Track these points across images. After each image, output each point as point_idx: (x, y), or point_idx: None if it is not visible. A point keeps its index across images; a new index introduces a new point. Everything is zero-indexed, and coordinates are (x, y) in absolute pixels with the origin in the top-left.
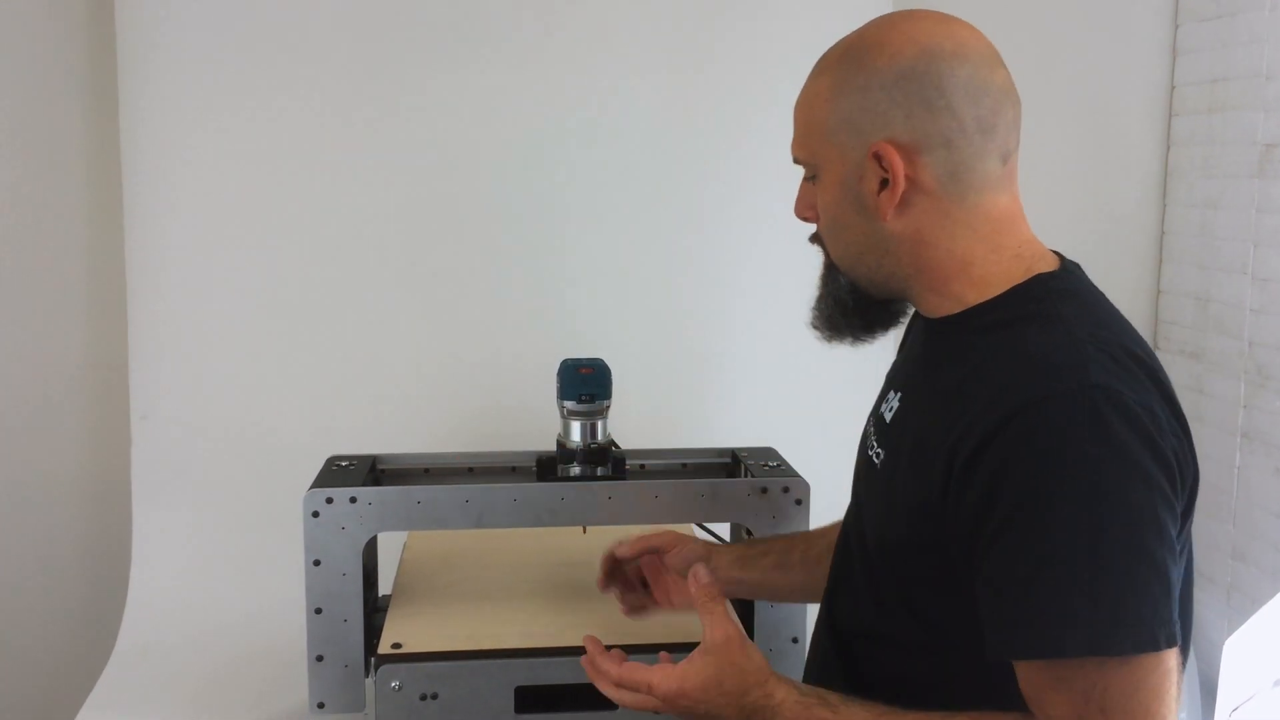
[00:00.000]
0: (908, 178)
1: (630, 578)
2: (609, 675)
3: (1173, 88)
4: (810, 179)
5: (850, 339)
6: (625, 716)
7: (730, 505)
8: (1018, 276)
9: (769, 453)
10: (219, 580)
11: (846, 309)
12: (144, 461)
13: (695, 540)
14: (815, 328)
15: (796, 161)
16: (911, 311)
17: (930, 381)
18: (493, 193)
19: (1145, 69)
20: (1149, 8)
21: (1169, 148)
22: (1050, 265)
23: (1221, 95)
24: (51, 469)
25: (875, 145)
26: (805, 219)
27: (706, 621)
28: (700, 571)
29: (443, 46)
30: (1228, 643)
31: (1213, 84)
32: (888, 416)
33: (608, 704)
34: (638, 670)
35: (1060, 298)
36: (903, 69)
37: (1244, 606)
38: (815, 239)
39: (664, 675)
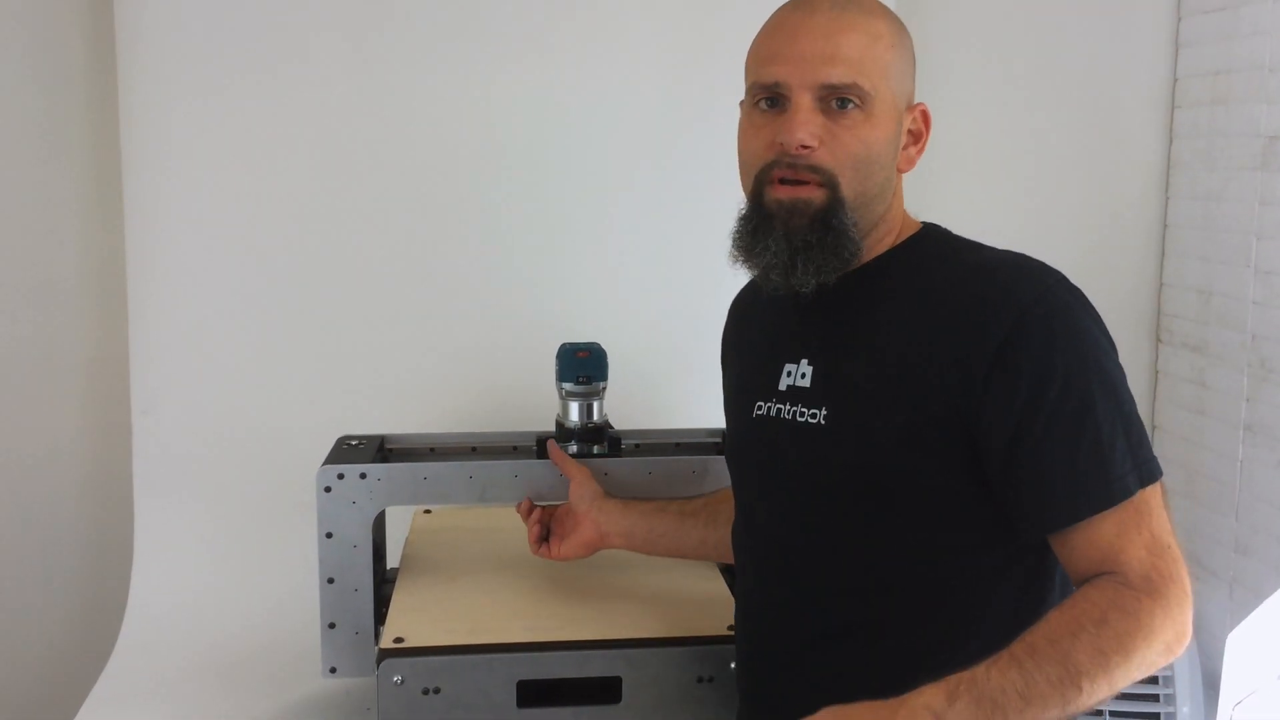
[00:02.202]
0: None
1: (541, 520)
2: None
3: (1175, 80)
4: (847, 107)
5: (811, 281)
6: (627, 712)
7: (720, 481)
8: (912, 225)
9: None
10: (221, 575)
11: (853, 248)
12: (146, 456)
13: (596, 483)
14: (804, 269)
15: (836, 87)
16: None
17: (864, 326)
18: (492, 183)
19: (1147, 61)
20: (1151, 1)
21: (1171, 140)
22: None
23: (1224, 88)
24: (53, 465)
25: (920, 105)
26: (808, 148)
27: None
28: None
29: (440, 39)
30: (1230, 636)
31: (1215, 76)
32: (804, 383)
33: (609, 699)
34: None
35: (958, 236)
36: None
37: (1247, 601)
38: (816, 171)
39: None
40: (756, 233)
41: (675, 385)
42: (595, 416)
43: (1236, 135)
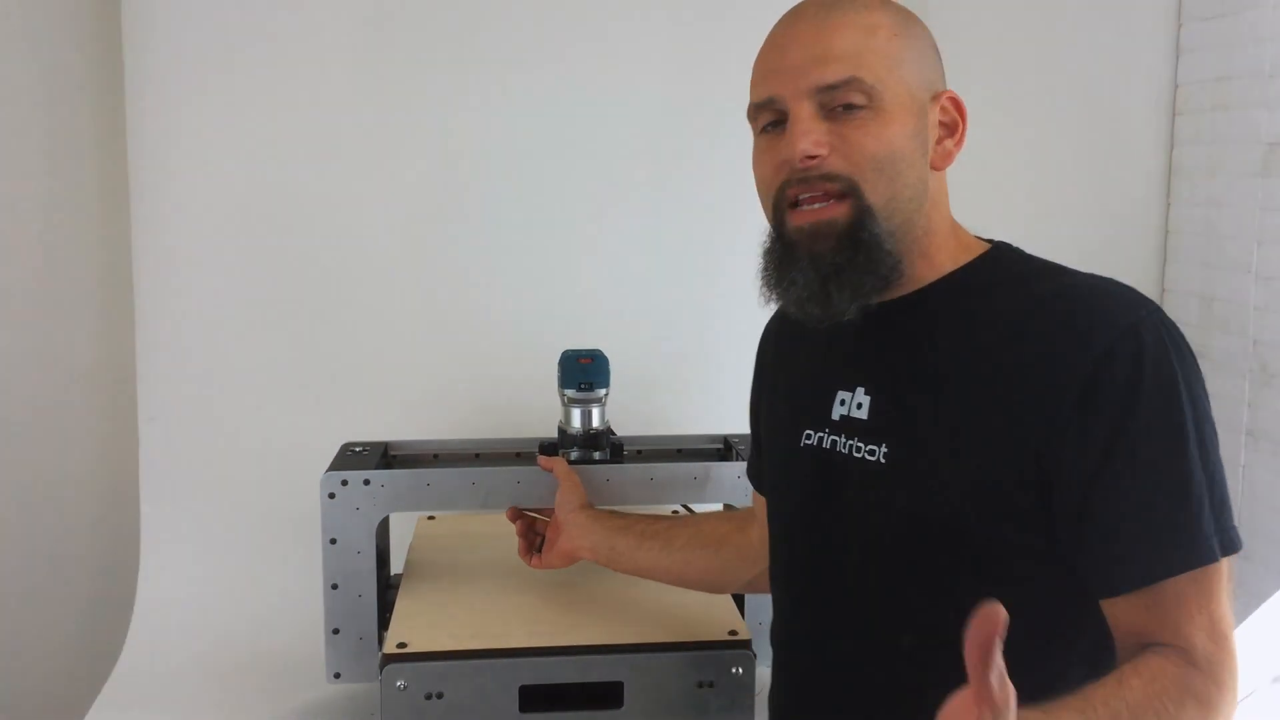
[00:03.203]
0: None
1: (537, 529)
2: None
3: (1176, 86)
4: (852, 107)
5: (851, 307)
6: (629, 717)
7: (721, 487)
8: (977, 245)
9: None
10: (227, 581)
11: (891, 261)
12: (152, 463)
13: (582, 492)
14: (839, 295)
15: (834, 86)
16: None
17: (931, 355)
18: (496, 191)
19: (1148, 68)
20: (1152, 7)
21: (1173, 146)
22: None
23: (1225, 94)
24: (60, 471)
25: (947, 92)
26: (816, 156)
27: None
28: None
29: (445, 44)
30: None
31: (1216, 82)
32: (860, 414)
33: (611, 703)
34: None
35: (1034, 257)
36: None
37: (1250, 605)
38: (833, 179)
39: None
40: (781, 265)
41: (677, 392)
42: (597, 423)
43: (1237, 141)
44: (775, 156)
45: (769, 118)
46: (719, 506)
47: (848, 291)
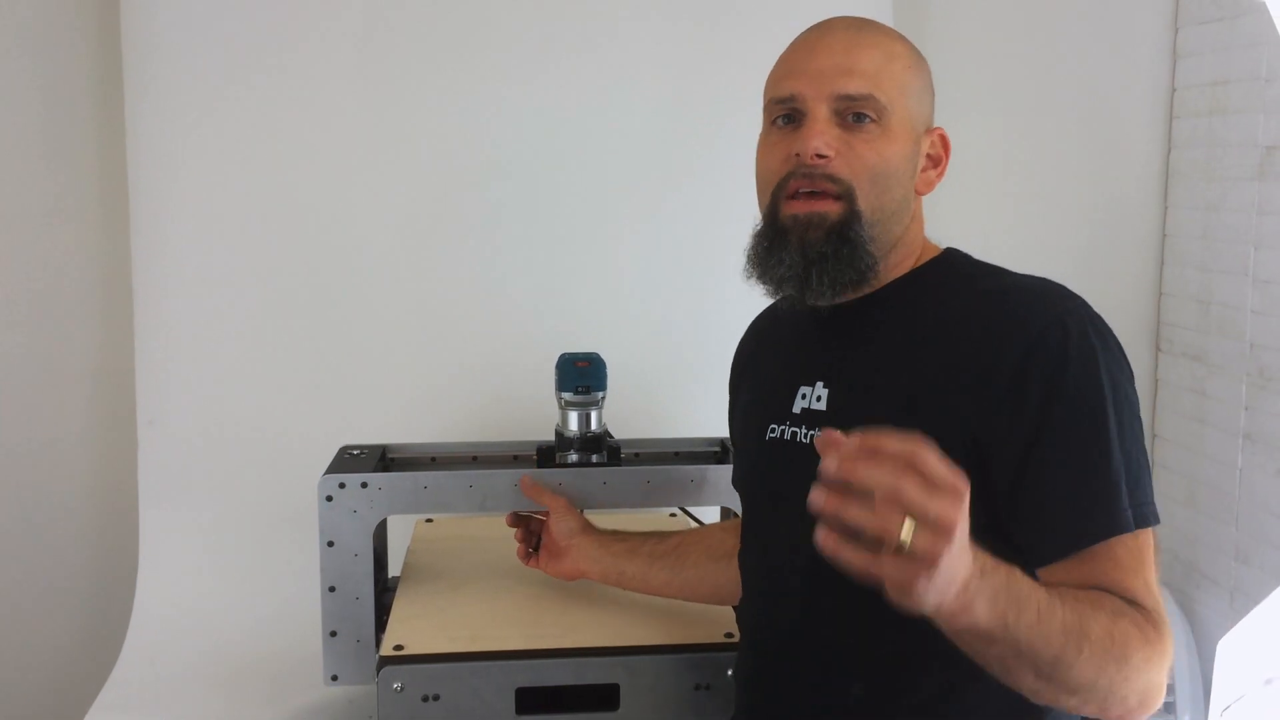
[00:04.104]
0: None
1: (532, 529)
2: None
3: (1173, 90)
4: (863, 121)
5: (827, 293)
6: (626, 718)
7: (718, 490)
8: (932, 250)
9: None
10: (225, 584)
11: (869, 261)
12: (151, 467)
13: (577, 515)
14: (819, 281)
15: (853, 98)
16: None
17: (881, 350)
18: (494, 195)
19: (1146, 72)
20: (1149, 11)
21: (1170, 150)
22: None
23: (1222, 98)
24: (59, 474)
25: (938, 129)
26: (823, 156)
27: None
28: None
29: (444, 46)
30: (1222, 641)
31: (1213, 87)
32: (819, 406)
33: (607, 706)
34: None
35: (980, 261)
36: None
37: (1247, 608)
38: (834, 181)
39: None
40: (771, 248)
41: (674, 395)
42: (594, 426)
43: (1234, 145)
44: (785, 149)
45: (783, 112)
46: (716, 509)
47: (828, 279)
